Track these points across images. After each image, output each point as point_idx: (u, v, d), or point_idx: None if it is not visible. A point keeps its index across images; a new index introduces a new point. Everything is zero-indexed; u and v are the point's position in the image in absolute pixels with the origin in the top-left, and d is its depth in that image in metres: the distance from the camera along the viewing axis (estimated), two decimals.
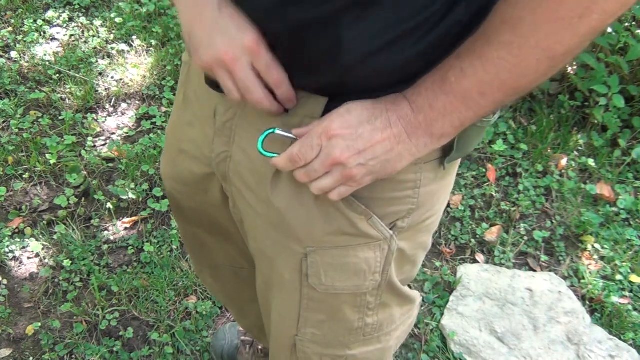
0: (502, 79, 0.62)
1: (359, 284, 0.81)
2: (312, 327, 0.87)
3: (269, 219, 0.80)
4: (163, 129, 2.25)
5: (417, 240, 0.84)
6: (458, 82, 0.63)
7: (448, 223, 2.05)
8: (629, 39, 2.20)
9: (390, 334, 0.91)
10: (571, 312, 1.80)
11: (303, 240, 0.78)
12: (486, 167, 2.22)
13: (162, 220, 1.99)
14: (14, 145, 2.16)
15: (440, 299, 1.84)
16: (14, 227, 1.93)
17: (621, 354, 1.71)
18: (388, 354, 0.95)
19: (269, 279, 0.88)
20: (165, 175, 1.03)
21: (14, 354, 1.65)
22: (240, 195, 0.84)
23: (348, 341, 0.88)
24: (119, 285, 1.78)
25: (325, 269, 0.79)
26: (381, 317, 0.87)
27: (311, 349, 0.90)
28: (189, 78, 0.92)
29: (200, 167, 0.91)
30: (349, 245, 0.77)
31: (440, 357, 1.71)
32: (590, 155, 2.29)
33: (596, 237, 2.03)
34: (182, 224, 1.12)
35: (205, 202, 0.98)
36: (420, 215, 0.80)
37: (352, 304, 0.83)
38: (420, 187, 0.77)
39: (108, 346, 1.66)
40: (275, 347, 0.97)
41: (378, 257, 0.79)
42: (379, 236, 0.77)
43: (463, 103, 0.64)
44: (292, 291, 0.84)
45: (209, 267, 1.20)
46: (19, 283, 1.81)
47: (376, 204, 0.76)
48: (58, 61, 2.48)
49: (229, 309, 1.39)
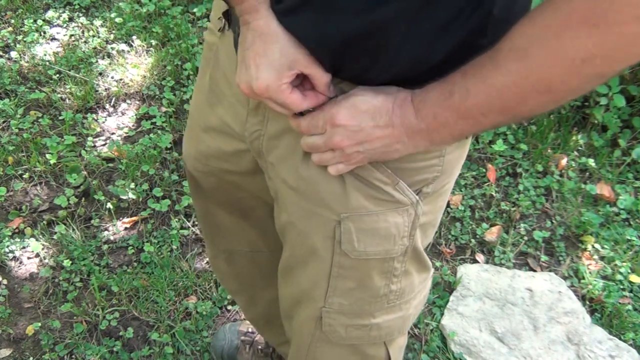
0: (504, 105, 0.65)
1: (389, 248, 0.84)
2: (340, 296, 0.89)
3: (302, 190, 0.83)
4: (163, 129, 2.26)
5: (438, 204, 0.88)
6: (462, 101, 0.66)
7: (448, 223, 2.05)
8: None
9: (410, 301, 0.95)
10: (571, 312, 1.80)
11: (335, 208, 0.81)
12: (486, 167, 2.22)
13: (162, 220, 1.99)
14: (14, 145, 2.16)
15: (440, 299, 1.84)
16: (14, 227, 1.93)
17: (621, 354, 1.71)
18: (407, 323, 0.98)
19: (298, 251, 0.91)
20: (187, 155, 1.06)
21: (14, 354, 1.65)
22: (274, 170, 0.88)
23: (373, 309, 0.91)
24: (119, 285, 1.78)
25: (358, 235, 0.82)
26: (404, 284, 0.90)
27: (337, 320, 0.92)
28: (217, 60, 0.94)
29: (232, 143, 0.94)
30: (380, 211, 0.81)
31: (440, 357, 1.71)
32: (590, 155, 2.29)
33: (596, 237, 2.03)
34: (201, 204, 1.14)
35: (229, 179, 1.01)
36: (443, 180, 0.84)
37: (380, 269, 0.86)
38: (445, 155, 0.80)
39: (108, 346, 1.66)
40: (297, 325, 0.98)
41: (406, 222, 0.83)
42: (407, 201, 0.81)
43: (465, 120, 0.67)
44: (323, 260, 0.86)
45: (224, 252, 1.21)
46: (19, 283, 1.81)
47: (405, 173, 0.79)
48: (58, 61, 2.48)
49: (238, 297, 1.39)
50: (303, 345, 0.98)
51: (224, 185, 1.04)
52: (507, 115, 0.66)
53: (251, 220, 1.10)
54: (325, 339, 0.95)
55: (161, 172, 2.11)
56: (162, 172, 2.11)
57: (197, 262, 1.87)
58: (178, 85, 2.42)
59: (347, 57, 0.70)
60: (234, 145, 0.94)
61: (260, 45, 0.71)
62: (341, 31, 0.67)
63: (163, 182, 2.07)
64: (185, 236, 1.94)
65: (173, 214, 2.00)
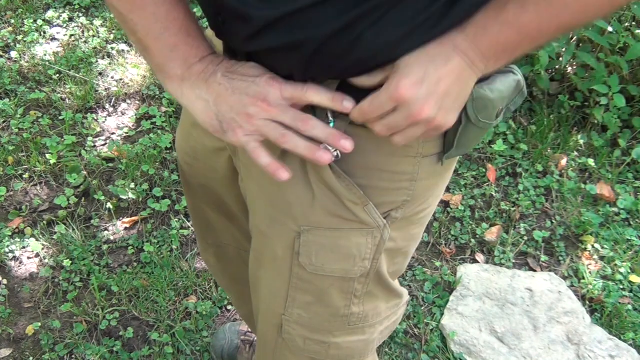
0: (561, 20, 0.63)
1: (347, 268, 0.82)
2: (299, 308, 0.88)
3: (269, 195, 0.82)
4: (163, 129, 2.26)
5: (409, 231, 0.85)
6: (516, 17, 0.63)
7: (448, 223, 2.05)
8: (629, 39, 2.20)
9: (375, 326, 0.92)
10: (571, 312, 1.80)
11: (298, 218, 0.80)
12: (486, 167, 2.22)
13: (162, 220, 1.99)
14: (14, 145, 2.16)
15: (440, 299, 1.84)
16: (14, 227, 1.93)
17: (621, 354, 1.71)
18: (371, 347, 0.96)
19: (261, 255, 0.89)
20: (179, 149, 1.07)
21: (14, 354, 1.65)
22: (247, 170, 0.87)
23: (333, 328, 0.89)
24: (119, 285, 1.78)
25: (317, 250, 0.81)
26: (367, 308, 0.88)
27: (296, 331, 0.91)
28: None
29: (212, 140, 0.94)
30: (343, 229, 0.79)
31: (440, 357, 1.71)
32: (590, 155, 2.29)
33: (596, 237, 2.03)
34: (190, 199, 1.15)
35: (214, 179, 1.01)
36: (415, 207, 0.81)
37: (339, 288, 0.84)
38: (417, 180, 0.78)
39: (108, 346, 1.66)
40: (262, 326, 0.97)
41: (369, 244, 0.80)
42: (373, 223, 0.79)
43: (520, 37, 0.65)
44: (283, 268, 0.85)
45: (213, 246, 1.21)
46: (19, 283, 1.81)
47: (372, 192, 0.77)
48: (58, 61, 2.48)
49: (229, 293, 1.39)
50: (268, 350, 0.97)
51: (210, 185, 1.04)
52: (563, 29, 0.64)
53: (235, 222, 1.10)
54: (287, 347, 0.93)
55: (161, 172, 2.11)
56: (162, 172, 2.11)
57: (197, 262, 1.87)
58: None
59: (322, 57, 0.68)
60: (214, 142, 0.95)
61: (241, 79, 0.71)
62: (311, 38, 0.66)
63: (163, 182, 2.07)
64: (185, 236, 1.94)
65: (173, 214, 2.00)
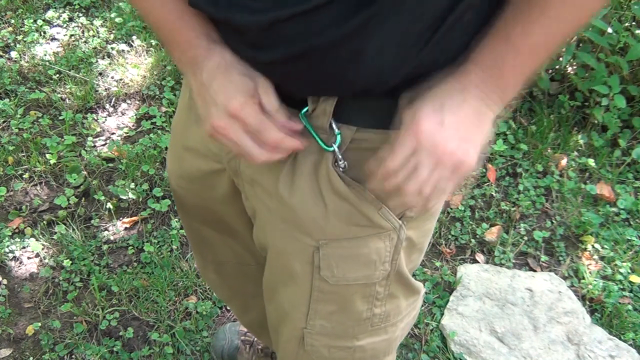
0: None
1: (369, 273, 0.82)
2: (321, 318, 0.88)
3: (280, 213, 0.82)
4: (163, 129, 2.26)
5: (423, 227, 0.86)
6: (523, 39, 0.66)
7: (448, 223, 2.05)
8: (629, 39, 2.20)
9: (397, 324, 0.93)
10: (571, 312, 1.80)
11: (314, 233, 0.80)
12: (486, 167, 2.22)
13: (162, 220, 1.99)
14: (14, 145, 2.16)
15: (440, 299, 1.84)
16: (14, 227, 1.93)
17: (621, 354, 1.71)
18: (394, 345, 0.97)
19: (278, 271, 0.89)
20: (171, 172, 1.05)
21: (14, 354, 1.65)
22: (251, 190, 0.86)
23: (356, 332, 0.89)
24: (119, 285, 1.78)
25: (337, 261, 0.81)
26: (389, 308, 0.89)
27: (320, 341, 0.91)
28: None
29: (208, 163, 0.93)
30: (360, 237, 0.79)
31: (440, 357, 1.71)
32: (590, 155, 2.29)
33: (596, 237, 2.03)
34: (186, 220, 1.13)
35: (211, 199, 0.99)
36: None
37: (362, 294, 0.85)
38: None
39: (108, 346, 1.66)
40: (282, 341, 0.97)
41: (388, 247, 0.81)
42: (389, 226, 0.79)
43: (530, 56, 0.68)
44: (302, 283, 0.85)
45: (213, 263, 1.20)
46: (19, 283, 1.81)
47: (384, 195, 0.77)
48: (58, 61, 2.48)
49: (231, 304, 1.39)
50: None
51: (208, 204, 1.02)
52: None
53: (236, 237, 1.09)
54: (309, 358, 0.93)
55: (161, 172, 2.11)
56: (162, 172, 2.11)
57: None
58: (178, 85, 2.42)
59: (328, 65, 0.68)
60: (210, 165, 0.93)
61: (222, 77, 0.72)
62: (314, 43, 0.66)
63: (163, 182, 2.07)
64: (185, 236, 1.94)
65: (173, 214, 2.00)
